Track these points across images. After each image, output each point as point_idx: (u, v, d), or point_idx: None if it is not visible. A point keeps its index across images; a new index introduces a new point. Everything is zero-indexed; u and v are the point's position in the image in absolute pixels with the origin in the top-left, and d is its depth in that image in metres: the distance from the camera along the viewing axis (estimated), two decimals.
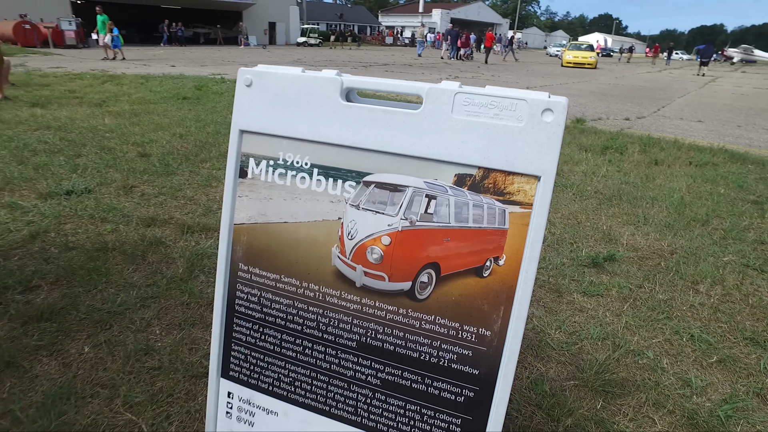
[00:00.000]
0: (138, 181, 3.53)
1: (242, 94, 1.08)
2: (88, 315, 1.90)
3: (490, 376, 0.96)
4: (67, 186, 3.27)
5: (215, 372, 1.20)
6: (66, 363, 1.64)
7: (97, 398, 1.49)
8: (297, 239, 1.07)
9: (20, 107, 6.37)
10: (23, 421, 1.38)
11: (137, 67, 14.15)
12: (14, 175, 3.46)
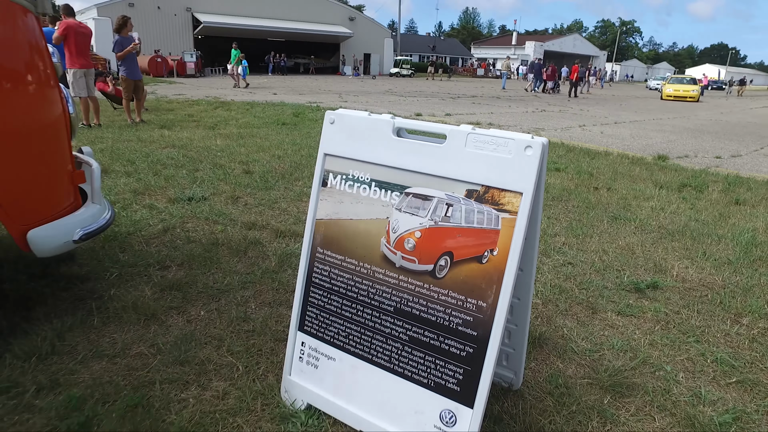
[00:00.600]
0: (242, 193, 4.21)
1: (327, 129, 1.56)
2: (203, 290, 2.47)
3: (485, 336, 1.32)
4: (189, 194, 4.01)
5: (294, 326, 1.66)
6: (189, 320, 2.20)
7: (209, 345, 2.01)
8: (357, 231, 1.51)
9: (153, 129, 7.54)
10: (163, 351, 1.93)
11: (244, 94, 15.70)
12: (151, 183, 4.28)
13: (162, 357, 1.93)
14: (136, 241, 3.07)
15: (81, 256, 2.78)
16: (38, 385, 1.73)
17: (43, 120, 1.95)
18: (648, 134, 10.53)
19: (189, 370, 1.86)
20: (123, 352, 1.96)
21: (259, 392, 1.75)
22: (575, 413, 1.74)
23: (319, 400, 1.61)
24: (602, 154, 7.29)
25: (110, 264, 2.72)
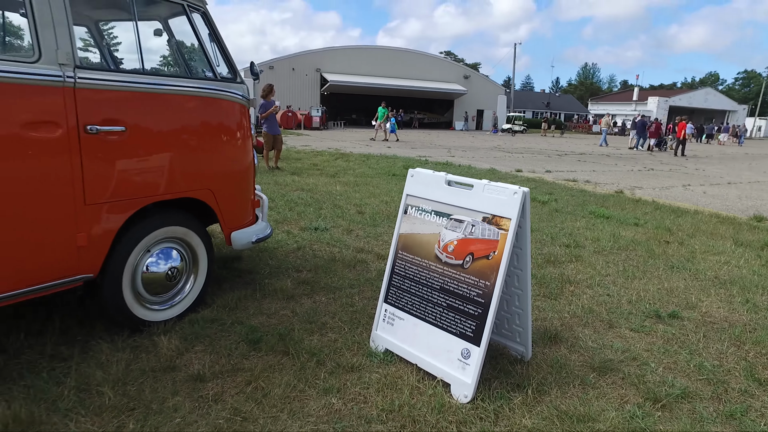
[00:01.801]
0: (355, 227, 5.41)
1: (409, 179, 2.63)
2: (324, 286, 3.61)
3: (488, 303, 2.25)
4: (315, 225, 5.30)
5: (381, 299, 2.70)
6: (314, 302, 3.34)
7: (327, 315, 3.11)
8: (422, 241, 2.54)
9: (286, 175, 9.25)
10: (298, 315, 3.08)
11: (361, 147, 17.59)
12: (287, 216, 5.68)
13: (297, 318, 3.06)
14: (279, 253, 4.35)
15: (246, 258, 4.10)
16: (232, 320, 2.94)
17: (246, 167, 3.27)
18: (761, 196, 10.26)
19: (314, 327, 2.97)
20: (275, 313, 3.13)
21: (356, 341, 2.79)
22: (564, 377, 2.54)
23: (392, 345, 2.61)
24: (691, 212, 7.54)
25: (264, 265, 3.99)
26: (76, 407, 2.14)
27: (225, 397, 2.27)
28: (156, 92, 2.65)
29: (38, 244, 2.25)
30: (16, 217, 2.16)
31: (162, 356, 2.56)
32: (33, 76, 2.14)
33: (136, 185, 2.57)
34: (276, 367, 2.52)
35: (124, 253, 2.62)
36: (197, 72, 3.19)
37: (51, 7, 2.21)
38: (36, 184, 2.18)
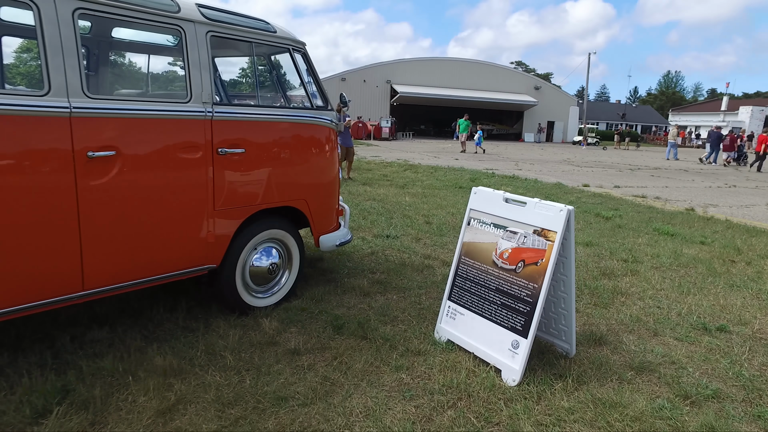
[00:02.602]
0: (423, 236, 5.92)
1: (472, 196, 3.11)
2: (395, 286, 4.14)
3: (535, 302, 2.67)
4: (386, 233, 5.86)
5: (446, 297, 3.18)
6: (387, 299, 3.87)
7: (398, 310, 3.63)
8: (482, 248, 3.00)
9: (358, 185, 9.93)
10: (373, 308, 3.62)
11: (429, 159, 18.08)
12: (361, 224, 6.28)
13: (373, 311, 3.61)
14: (356, 256, 4.94)
15: (328, 259, 4.72)
16: (319, 309, 3.54)
17: (333, 180, 3.88)
18: None
19: (386, 319, 3.49)
20: (353, 306, 3.70)
21: (423, 332, 3.29)
22: (603, 372, 2.89)
23: (453, 336, 3.08)
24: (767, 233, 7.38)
25: (343, 266, 4.59)
26: (206, 364, 2.79)
27: (316, 367, 2.84)
28: (267, 121, 3.31)
29: (185, 238, 2.95)
30: (174, 218, 2.86)
31: (265, 333, 3.18)
32: (186, 112, 2.84)
33: (251, 196, 3.23)
34: (356, 347, 3.07)
35: (238, 249, 3.28)
36: (296, 102, 3.85)
37: (200, 60, 2.91)
38: (186, 193, 2.88)
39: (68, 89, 2.41)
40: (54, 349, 2.87)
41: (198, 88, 2.90)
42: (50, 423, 2.24)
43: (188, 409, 2.40)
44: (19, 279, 2.38)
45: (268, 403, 2.48)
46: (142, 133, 2.69)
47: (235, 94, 4.40)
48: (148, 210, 2.75)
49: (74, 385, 2.52)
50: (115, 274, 2.71)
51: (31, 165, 2.33)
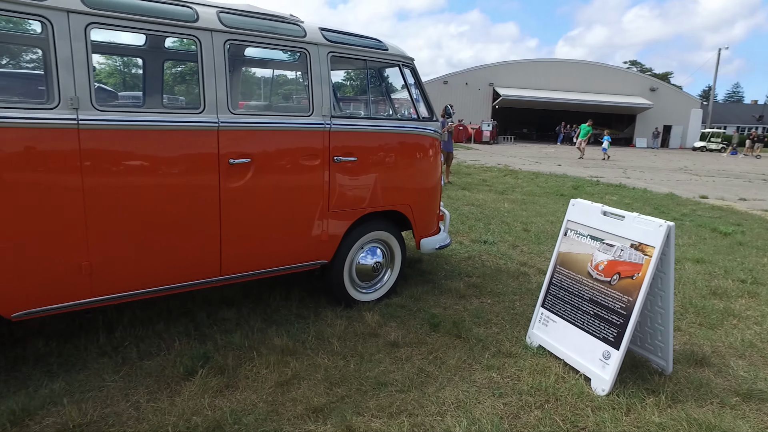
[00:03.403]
0: (520, 243, 5.97)
1: (570, 207, 3.19)
2: (490, 290, 4.28)
3: (629, 315, 2.71)
4: (483, 239, 5.99)
5: (539, 304, 3.29)
6: (481, 302, 4.03)
7: (491, 314, 3.78)
8: (577, 259, 3.08)
9: (456, 189, 10.08)
10: (468, 310, 3.80)
11: (530, 164, 17.68)
12: (459, 228, 6.46)
13: (467, 312, 3.79)
14: (453, 260, 5.14)
15: (426, 261, 4.97)
16: (417, 307, 3.80)
17: (436, 187, 4.12)
18: None
19: (480, 321, 3.66)
20: (449, 306, 3.91)
21: (515, 336, 3.42)
22: (702, 394, 2.83)
23: (545, 342, 3.19)
24: None
25: (440, 268, 4.81)
26: (317, 348, 3.16)
27: (413, 359, 3.10)
28: (376, 131, 3.63)
29: (304, 235, 3.36)
30: (296, 217, 3.30)
31: (368, 325, 3.50)
32: (309, 124, 3.25)
33: (361, 200, 3.58)
34: (450, 345, 3.28)
35: (347, 248, 3.64)
36: (403, 113, 4.15)
37: (321, 77, 3.30)
38: (306, 195, 3.30)
39: (217, 107, 2.89)
40: (195, 323, 3.41)
41: (319, 102, 3.30)
42: (196, 381, 2.72)
43: (302, 384, 2.77)
44: (176, 263, 2.91)
45: (370, 387, 2.78)
46: (272, 142, 3.13)
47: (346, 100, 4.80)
48: (274, 209, 3.19)
49: (212, 353, 3.01)
50: (245, 263, 3.18)
51: (188, 169, 2.84)
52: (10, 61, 8.54)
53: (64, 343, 3.06)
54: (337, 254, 3.59)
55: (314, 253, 3.46)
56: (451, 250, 5.45)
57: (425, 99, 4.09)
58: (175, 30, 2.86)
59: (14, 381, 2.68)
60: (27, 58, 8.88)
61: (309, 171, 3.28)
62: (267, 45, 3.21)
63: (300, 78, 4.29)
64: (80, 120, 2.49)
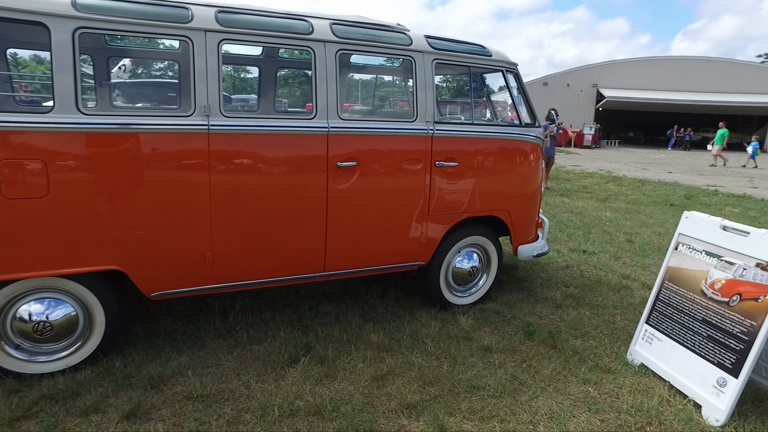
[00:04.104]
0: (623, 255, 5.66)
1: (682, 220, 3.01)
2: (588, 302, 4.13)
3: (751, 342, 2.50)
4: (583, 248, 5.75)
5: (643, 320, 3.13)
6: (579, 314, 3.90)
7: (589, 326, 3.64)
8: (689, 275, 2.89)
9: (555, 196, 9.73)
10: (565, 320, 3.70)
11: (636, 171, 16.53)
12: (557, 236, 6.26)
13: (564, 323, 3.69)
14: (550, 268, 5.01)
15: (522, 268, 4.89)
16: (511, 314, 3.77)
17: (535, 194, 4.06)
18: None
19: (577, 333, 3.55)
20: (545, 316, 3.83)
21: (614, 351, 3.28)
22: None
23: (648, 361, 3.02)
24: None
25: (536, 276, 4.72)
26: (411, 347, 3.26)
27: (506, 366, 3.09)
28: (478, 137, 3.65)
29: (404, 237, 3.49)
30: (397, 219, 3.43)
31: (462, 329, 3.54)
32: (412, 130, 3.36)
33: (460, 204, 3.63)
34: (545, 355, 3.23)
35: (445, 251, 3.71)
36: (504, 118, 4.13)
37: (425, 84, 3.40)
38: (407, 198, 3.42)
39: (328, 113, 3.09)
40: (298, 314, 3.66)
41: (423, 108, 3.39)
42: (299, 368, 2.93)
43: (396, 381, 2.88)
44: (285, 257, 3.15)
45: (462, 389, 2.82)
46: (377, 147, 3.28)
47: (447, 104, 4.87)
48: (377, 211, 3.34)
49: (313, 344, 3.22)
50: (347, 261, 3.36)
51: (300, 171, 3.06)
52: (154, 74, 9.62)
53: (187, 323, 3.43)
54: (434, 257, 3.67)
55: (413, 254, 3.56)
56: (548, 258, 5.30)
57: (528, 104, 4.04)
58: (292, 42, 3.10)
59: (150, 351, 3.06)
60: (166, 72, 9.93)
61: (411, 175, 3.39)
62: (375, 53, 3.37)
63: (405, 84, 4.42)
64: (210, 126, 2.79)
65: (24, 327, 2.68)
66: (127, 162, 2.66)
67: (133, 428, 2.39)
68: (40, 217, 2.52)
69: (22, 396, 2.57)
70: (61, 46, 2.48)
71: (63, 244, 2.60)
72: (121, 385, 2.70)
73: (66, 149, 2.54)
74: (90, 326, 2.84)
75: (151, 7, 2.74)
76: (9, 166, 2.42)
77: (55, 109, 2.49)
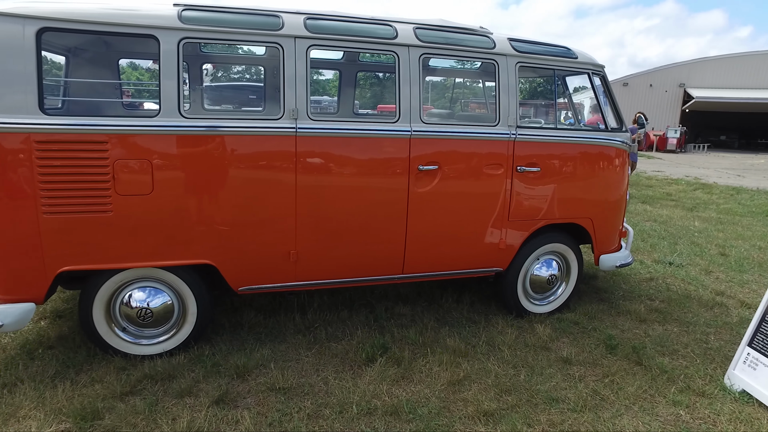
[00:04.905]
0: (715, 269, 5.26)
1: None
2: (676, 318, 3.88)
3: None
4: (669, 260, 5.41)
5: (744, 342, 2.90)
6: (666, 330, 3.68)
7: (678, 345, 3.43)
8: None
9: (636, 203, 9.22)
10: (650, 336, 3.51)
11: (729, 177, 15.30)
12: (639, 246, 5.94)
13: (649, 339, 3.50)
14: (632, 280, 4.76)
15: (602, 278, 4.69)
16: (591, 326, 3.62)
17: (620, 202, 3.88)
18: None
19: (664, 350, 3.35)
20: (628, 330, 3.64)
21: (708, 374, 3.06)
22: None
23: (751, 388, 2.80)
24: None
25: (618, 288, 4.50)
26: (487, 353, 3.22)
27: (587, 379, 2.98)
28: (561, 142, 3.54)
29: (482, 242, 3.45)
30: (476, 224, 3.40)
31: (539, 338, 3.44)
32: (495, 134, 3.32)
33: (541, 211, 3.54)
34: (629, 371, 3.07)
35: (523, 257, 3.63)
36: (582, 122, 3.98)
37: (509, 87, 3.34)
38: (487, 203, 3.38)
39: (410, 117, 3.12)
40: (374, 314, 3.72)
41: (505, 112, 3.34)
42: (376, 368, 2.98)
43: (472, 387, 2.86)
44: (365, 258, 3.22)
45: (540, 400, 2.75)
46: (458, 150, 3.27)
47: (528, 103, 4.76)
48: (457, 215, 3.33)
49: (390, 345, 3.26)
50: (426, 264, 3.37)
51: (381, 174, 3.12)
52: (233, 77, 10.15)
53: (268, 317, 3.59)
54: (512, 263, 3.60)
55: (491, 260, 3.52)
56: (630, 269, 5.04)
57: (615, 108, 3.87)
58: (376, 47, 3.17)
59: (235, 342, 3.23)
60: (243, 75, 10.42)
61: (492, 180, 3.35)
62: (458, 57, 3.37)
63: (487, 88, 4.37)
64: (298, 128, 2.90)
65: (129, 312, 2.92)
66: (220, 162, 2.82)
67: (222, 413, 2.54)
68: (145, 212, 2.74)
69: (128, 374, 2.81)
70: (168, 56, 2.68)
71: (163, 238, 2.80)
72: (210, 372, 2.87)
73: (168, 150, 2.74)
74: (183, 315, 3.05)
75: (246, 16, 2.90)
76: (122, 166, 2.64)
77: (161, 113, 2.69)
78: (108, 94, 4.02)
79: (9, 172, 2.50)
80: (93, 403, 2.53)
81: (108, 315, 2.93)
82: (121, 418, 2.46)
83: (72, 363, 2.91)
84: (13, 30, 2.46)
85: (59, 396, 2.59)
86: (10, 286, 2.67)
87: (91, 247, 2.70)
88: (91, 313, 2.87)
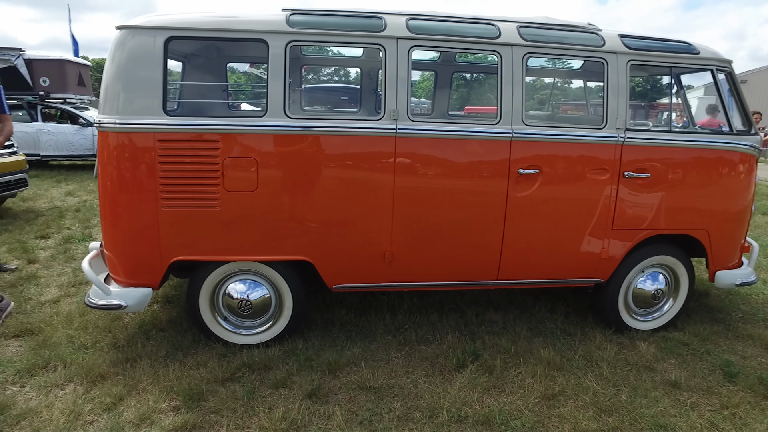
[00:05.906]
0: None
1: None
2: None
3: None
4: None
5: None
6: None
7: (755, 363, 3.02)
8: None
9: (755, 215, 8.29)
10: (746, 357, 3.12)
11: None
12: (762, 263, 5.33)
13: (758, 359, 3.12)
14: (754, 300, 4.28)
15: (715, 296, 4.26)
16: (704, 349, 3.29)
17: (744, 213, 3.49)
18: None
19: None
20: (750, 357, 3.26)
21: None
22: None
23: None
24: None
25: (735, 308, 4.06)
26: (584, 369, 3.04)
27: (701, 409, 2.71)
28: (677, 146, 3.25)
29: (582, 251, 3.26)
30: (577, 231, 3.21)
31: (642, 356, 3.19)
32: (601, 137, 3.12)
33: (648, 220, 3.27)
34: (755, 405, 2.75)
35: (626, 269, 3.38)
36: (710, 124, 3.62)
37: (618, 88, 3.13)
38: (590, 210, 3.18)
39: (512, 118, 3.01)
40: (464, 319, 3.65)
41: (614, 114, 3.13)
42: (466, 374, 2.92)
43: (568, 403, 2.71)
44: (460, 261, 3.16)
45: (646, 425, 2.54)
46: (561, 154, 3.11)
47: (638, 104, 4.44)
48: (556, 221, 3.17)
49: (481, 352, 3.18)
50: (522, 271, 3.25)
51: (480, 176, 3.04)
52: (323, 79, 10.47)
53: (359, 316, 3.64)
54: (615, 275, 3.37)
55: (591, 270, 3.32)
56: (750, 289, 4.53)
57: (743, 108, 3.49)
58: (479, 47, 3.10)
59: (327, 338, 3.32)
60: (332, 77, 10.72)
61: (595, 186, 3.15)
62: (564, 56, 3.21)
63: (594, 88, 4.13)
64: (398, 129, 2.90)
65: (231, 302, 3.09)
66: (319, 162, 2.90)
67: (314, 407, 2.61)
68: (250, 208, 2.88)
69: (228, 360, 2.98)
70: (276, 59, 2.80)
71: (265, 234, 2.93)
72: (303, 366, 2.96)
73: (273, 149, 2.85)
74: (280, 308, 3.17)
75: (350, 18, 2.96)
76: (231, 164, 2.80)
77: (268, 113, 2.81)
78: (218, 96, 4.29)
79: (138, 168, 2.74)
80: (198, 386, 2.70)
81: (212, 304, 3.12)
82: (223, 402, 2.60)
83: (180, 346, 3.13)
84: (146, 41, 2.70)
85: (170, 375, 2.80)
86: (133, 271, 2.92)
87: (200, 239, 2.89)
88: (197, 301, 3.07)
